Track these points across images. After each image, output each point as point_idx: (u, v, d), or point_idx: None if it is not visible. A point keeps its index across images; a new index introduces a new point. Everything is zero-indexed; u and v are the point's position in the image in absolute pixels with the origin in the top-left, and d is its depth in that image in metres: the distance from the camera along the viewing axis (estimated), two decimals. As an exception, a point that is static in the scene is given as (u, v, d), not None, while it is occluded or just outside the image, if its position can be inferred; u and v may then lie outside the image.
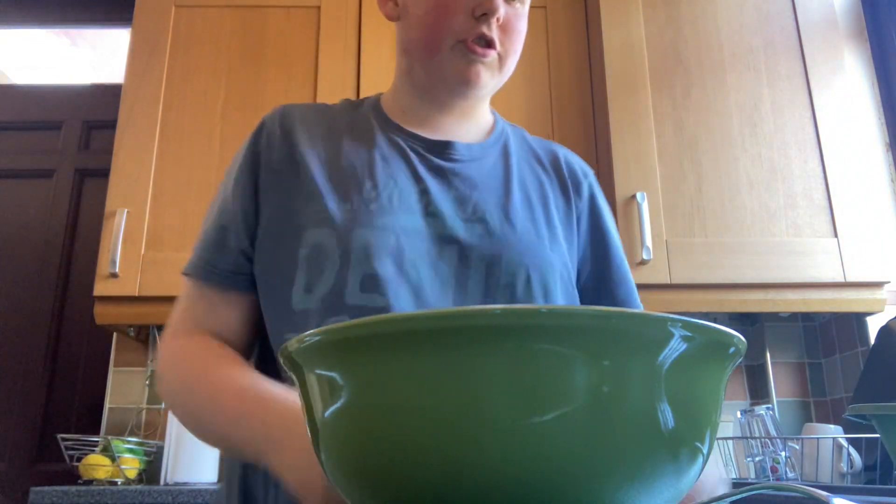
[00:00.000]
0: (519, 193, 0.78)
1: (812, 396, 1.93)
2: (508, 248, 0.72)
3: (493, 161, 0.80)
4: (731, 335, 0.29)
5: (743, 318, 2.04)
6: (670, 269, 1.68)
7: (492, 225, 0.73)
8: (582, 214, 0.82)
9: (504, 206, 0.75)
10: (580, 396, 0.26)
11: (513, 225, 0.74)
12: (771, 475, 1.43)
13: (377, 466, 0.28)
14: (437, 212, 0.72)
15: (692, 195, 1.75)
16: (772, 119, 1.80)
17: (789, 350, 1.97)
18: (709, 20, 1.88)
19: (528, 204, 0.78)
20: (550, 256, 0.75)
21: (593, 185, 0.86)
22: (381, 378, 0.27)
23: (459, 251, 0.71)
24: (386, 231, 0.69)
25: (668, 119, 1.80)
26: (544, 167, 0.83)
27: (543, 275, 0.73)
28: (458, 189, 0.75)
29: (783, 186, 1.75)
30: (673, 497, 0.29)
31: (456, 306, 0.63)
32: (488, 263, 0.71)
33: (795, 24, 1.87)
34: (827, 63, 1.84)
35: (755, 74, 1.84)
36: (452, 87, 0.76)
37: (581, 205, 0.83)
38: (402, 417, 0.27)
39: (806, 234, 1.71)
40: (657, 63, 1.85)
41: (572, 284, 0.77)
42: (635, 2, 1.89)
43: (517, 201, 0.77)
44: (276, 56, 1.96)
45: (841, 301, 1.68)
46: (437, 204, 0.73)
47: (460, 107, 0.80)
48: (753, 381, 2.00)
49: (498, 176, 0.78)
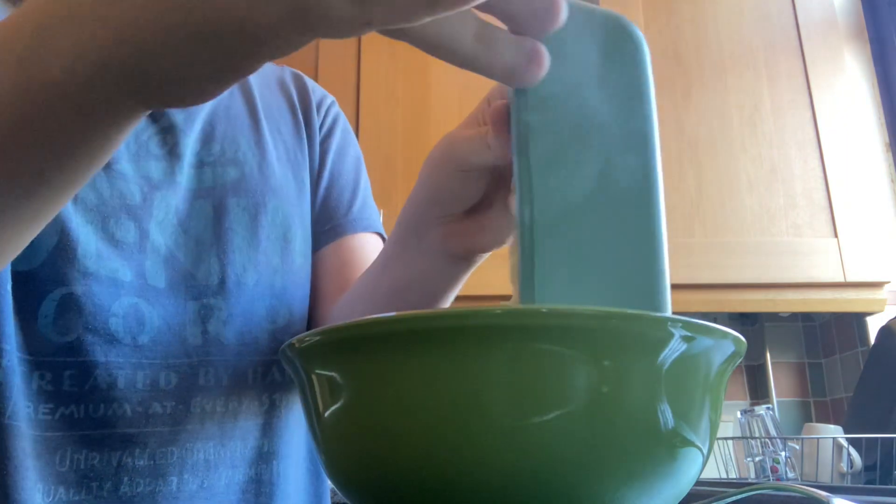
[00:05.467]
0: (267, 124, 0.67)
1: (812, 396, 1.93)
2: (272, 196, 0.63)
3: (229, 90, 0.65)
4: (731, 335, 0.29)
5: (743, 318, 2.03)
6: (670, 269, 1.68)
7: (248, 168, 0.63)
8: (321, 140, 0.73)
9: (257, 142, 0.65)
10: (580, 396, 0.26)
11: (269, 165, 0.64)
12: (771, 475, 1.43)
13: (377, 466, 0.28)
14: (183, 154, 0.60)
15: (692, 195, 1.74)
16: (772, 119, 1.80)
17: (789, 350, 1.97)
18: (709, 20, 1.88)
19: (278, 136, 0.68)
20: (303, 203, 0.67)
21: (331, 109, 0.76)
22: (380, 378, 0.27)
23: (213, 204, 0.60)
24: (126, 180, 0.56)
25: (668, 119, 1.80)
26: (287, 93, 0.73)
27: (304, 229, 0.66)
28: (204, 126, 0.62)
29: (783, 186, 1.75)
30: (673, 497, 0.29)
31: (221, 267, 0.58)
32: (252, 215, 0.61)
33: (795, 24, 1.87)
34: (827, 63, 1.84)
35: (755, 74, 1.84)
36: None
37: (322, 131, 0.73)
38: (402, 417, 0.27)
39: (806, 234, 1.71)
40: (657, 63, 1.84)
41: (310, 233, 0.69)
42: (635, 2, 1.89)
43: (267, 135, 0.66)
44: (276, 56, 1.96)
45: (841, 301, 1.68)
46: (182, 145, 0.60)
47: None
48: (753, 381, 2.00)
49: (239, 105, 0.67)
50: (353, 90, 1.92)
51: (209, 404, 0.57)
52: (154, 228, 0.57)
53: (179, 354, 0.56)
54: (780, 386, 1.93)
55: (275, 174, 0.65)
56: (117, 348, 0.53)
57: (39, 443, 0.51)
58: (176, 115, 0.61)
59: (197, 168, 0.61)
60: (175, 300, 0.57)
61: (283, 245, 0.63)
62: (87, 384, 0.52)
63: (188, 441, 0.55)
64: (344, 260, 0.69)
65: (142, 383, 0.54)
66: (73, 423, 0.52)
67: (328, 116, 0.75)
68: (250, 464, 0.58)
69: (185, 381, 0.56)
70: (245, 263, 0.60)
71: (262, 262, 0.61)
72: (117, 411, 0.53)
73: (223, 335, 0.58)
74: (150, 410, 0.54)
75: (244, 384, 0.59)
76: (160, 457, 0.54)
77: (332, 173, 0.72)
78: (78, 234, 0.53)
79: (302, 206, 0.67)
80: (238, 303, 0.59)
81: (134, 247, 0.55)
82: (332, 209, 0.71)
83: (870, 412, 1.48)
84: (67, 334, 0.52)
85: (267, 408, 0.60)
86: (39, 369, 0.52)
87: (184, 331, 0.56)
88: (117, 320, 0.54)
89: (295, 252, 0.64)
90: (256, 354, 0.59)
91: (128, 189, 0.56)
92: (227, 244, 0.59)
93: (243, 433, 0.58)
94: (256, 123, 0.67)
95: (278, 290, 0.62)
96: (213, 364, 0.57)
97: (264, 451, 0.59)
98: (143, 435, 0.53)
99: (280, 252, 0.63)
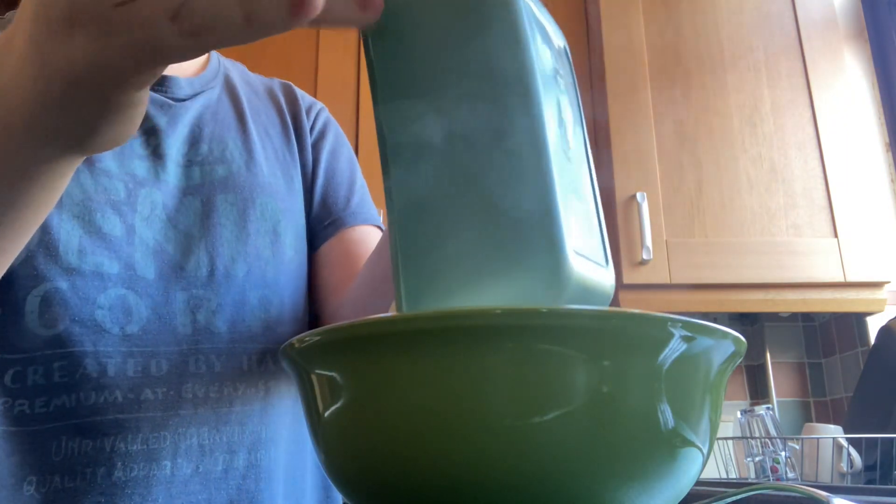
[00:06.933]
0: (255, 127, 0.69)
1: (812, 396, 1.93)
2: (260, 192, 0.65)
3: (217, 94, 0.69)
4: (731, 335, 0.29)
5: (743, 318, 2.04)
6: (670, 269, 1.68)
7: (235, 166, 0.65)
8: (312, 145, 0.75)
9: (245, 143, 0.67)
10: (580, 396, 0.26)
11: (257, 164, 0.66)
12: (771, 475, 1.43)
13: (377, 466, 0.28)
14: (168, 154, 0.62)
15: (692, 195, 1.75)
16: (772, 119, 1.80)
17: (789, 350, 1.97)
18: (709, 20, 1.88)
19: (267, 138, 0.70)
20: (294, 200, 0.68)
21: (321, 114, 0.78)
22: (381, 378, 0.27)
23: (202, 200, 0.61)
24: (109, 177, 0.58)
25: (668, 119, 1.80)
26: (275, 100, 0.76)
27: (295, 225, 0.67)
28: (191, 127, 0.64)
29: (783, 186, 1.75)
30: (673, 497, 0.29)
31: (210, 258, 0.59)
32: (240, 211, 0.63)
33: (795, 24, 1.87)
34: (827, 63, 1.84)
35: (755, 74, 1.84)
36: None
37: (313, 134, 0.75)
38: (403, 417, 0.27)
39: (806, 234, 1.71)
40: (657, 63, 1.85)
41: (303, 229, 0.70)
42: (635, 2, 1.89)
43: (255, 137, 0.68)
44: (276, 56, 1.96)
45: (841, 301, 1.68)
46: (167, 144, 0.62)
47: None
48: (753, 381, 2.00)
49: (227, 110, 0.69)
50: (353, 90, 1.92)
51: (202, 390, 0.57)
52: (140, 223, 0.58)
53: (169, 343, 0.57)
54: (780, 386, 1.93)
55: (263, 172, 0.66)
56: (105, 338, 0.54)
57: (32, 437, 0.52)
58: (159, 119, 0.62)
59: (185, 167, 0.62)
60: (164, 291, 0.58)
61: (272, 238, 0.64)
62: (77, 373, 0.53)
63: (181, 426, 0.56)
64: (347, 251, 0.70)
65: (132, 370, 0.55)
66: (66, 413, 0.53)
67: (318, 120, 0.77)
68: (249, 449, 0.59)
69: (175, 368, 0.57)
70: (234, 255, 0.61)
71: (251, 253, 0.62)
72: (108, 398, 0.54)
73: (213, 324, 0.59)
74: (142, 396, 0.55)
75: (239, 371, 0.60)
76: (153, 441, 0.54)
77: (328, 172, 0.74)
78: (59, 231, 0.54)
79: (292, 203, 0.68)
80: (228, 293, 0.60)
81: (122, 240, 0.56)
82: (331, 205, 0.72)
83: (870, 412, 1.48)
84: (54, 327, 0.53)
85: (264, 394, 0.61)
86: (16, 366, 0.53)
87: (173, 320, 0.57)
88: (103, 312, 0.55)
89: (286, 245, 0.65)
90: (250, 343, 0.61)
91: (112, 185, 0.58)
92: (215, 237, 0.61)
93: (240, 418, 0.59)
94: (244, 125, 0.69)
95: (270, 280, 0.63)
96: (203, 352, 0.58)
97: (263, 437, 0.60)
98: (136, 420, 0.54)
99: (270, 245, 0.64)
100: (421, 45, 0.33)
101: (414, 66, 0.33)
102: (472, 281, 0.31)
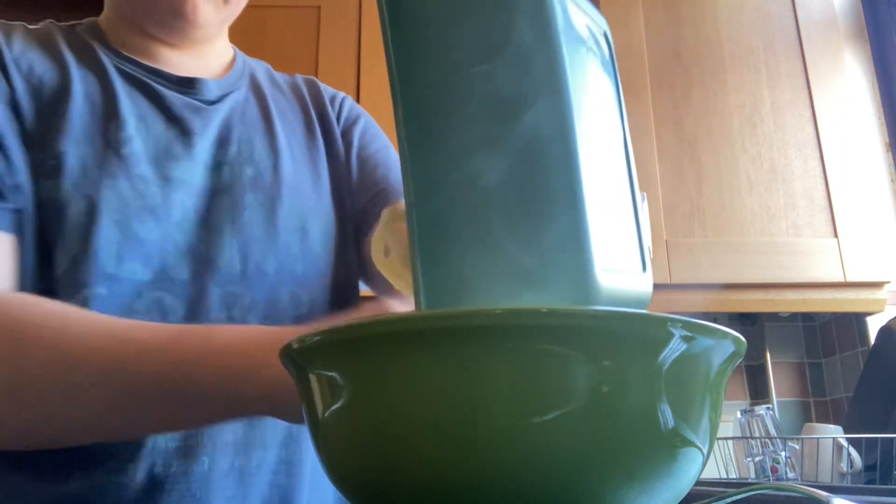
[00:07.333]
0: (281, 126, 0.71)
1: (812, 396, 1.93)
2: (288, 191, 0.66)
3: (244, 95, 0.71)
4: (731, 335, 0.29)
5: (743, 318, 2.03)
6: (670, 269, 1.68)
7: (263, 167, 0.66)
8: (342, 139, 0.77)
9: (271, 143, 0.68)
10: (580, 396, 0.26)
11: (283, 164, 0.68)
12: (771, 475, 1.43)
13: (377, 466, 0.28)
14: (200, 156, 0.63)
15: (692, 195, 1.74)
16: (772, 119, 1.80)
17: (789, 350, 1.97)
18: (709, 20, 1.88)
19: (293, 136, 0.71)
20: (320, 198, 0.69)
21: (345, 102, 0.80)
22: (380, 378, 0.27)
23: (232, 200, 0.63)
24: (146, 182, 0.59)
25: (668, 119, 1.80)
26: (300, 97, 0.77)
27: (323, 222, 0.68)
28: (221, 129, 0.66)
29: (783, 186, 1.75)
30: (673, 497, 0.29)
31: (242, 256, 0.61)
32: (269, 210, 0.64)
33: (795, 24, 1.87)
34: (827, 63, 1.84)
35: (755, 74, 1.84)
36: (166, 21, 0.64)
37: (340, 123, 0.77)
38: (402, 417, 0.27)
39: (806, 234, 1.71)
40: (657, 63, 1.85)
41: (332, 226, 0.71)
42: (635, 2, 1.89)
43: (282, 137, 0.70)
44: (276, 56, 1.96)
45: (841, 301, 1.68)
46: (199, 147, 0.63)
47: (188, 43, 0.68)
48: (753, 381, 2.00)
49: (253, 110, 0.70)
50: (354, 90, 1.92)
51: None
52: (174, 227, 0.60)
53: None
54: (779, 386, 1.93)
55: (290, 172, 0.68)
56: None
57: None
58: (193, 122, 0.64)
59: (215, 169, 0.64)
60: (199, 288, 0.59)
61: (301, 235, 0.66)
62: None
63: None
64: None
65: None
66: None
67: (343, 109, 0.78)
68: (281, 445, 0.61)
69: None
70: (265, 251, 0.63)
71: (281, 250, 0.64)
72: None
73: (248, 321, 0.60)
74: None
75: None
76: (190, 438, 0.56)
77: (361, 158, 0.75)
78: (99, 238, 0.56)
79: (319, 201, 0.70)
80: (260, 290, 0.62)
81: (156, 244, 0.58)
82: (372, 184, 0.74)
83: (870, 412, 1.48)
84: None
85: None
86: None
87: (208, 317, 0.59)
88: (140, 316, 0.56)
89: (314, 241, 0.67)
90: None
91: (148, 190, 0.59)
92: (246, 235, 0.62)
93: None
94: (270, 125, 0.70)
95: (299, 276, 0.65)
96: None
97: (293, 431, 0.62)
98: None
99: (299, 242, 0.66)
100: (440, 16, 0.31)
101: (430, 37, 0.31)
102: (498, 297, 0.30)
